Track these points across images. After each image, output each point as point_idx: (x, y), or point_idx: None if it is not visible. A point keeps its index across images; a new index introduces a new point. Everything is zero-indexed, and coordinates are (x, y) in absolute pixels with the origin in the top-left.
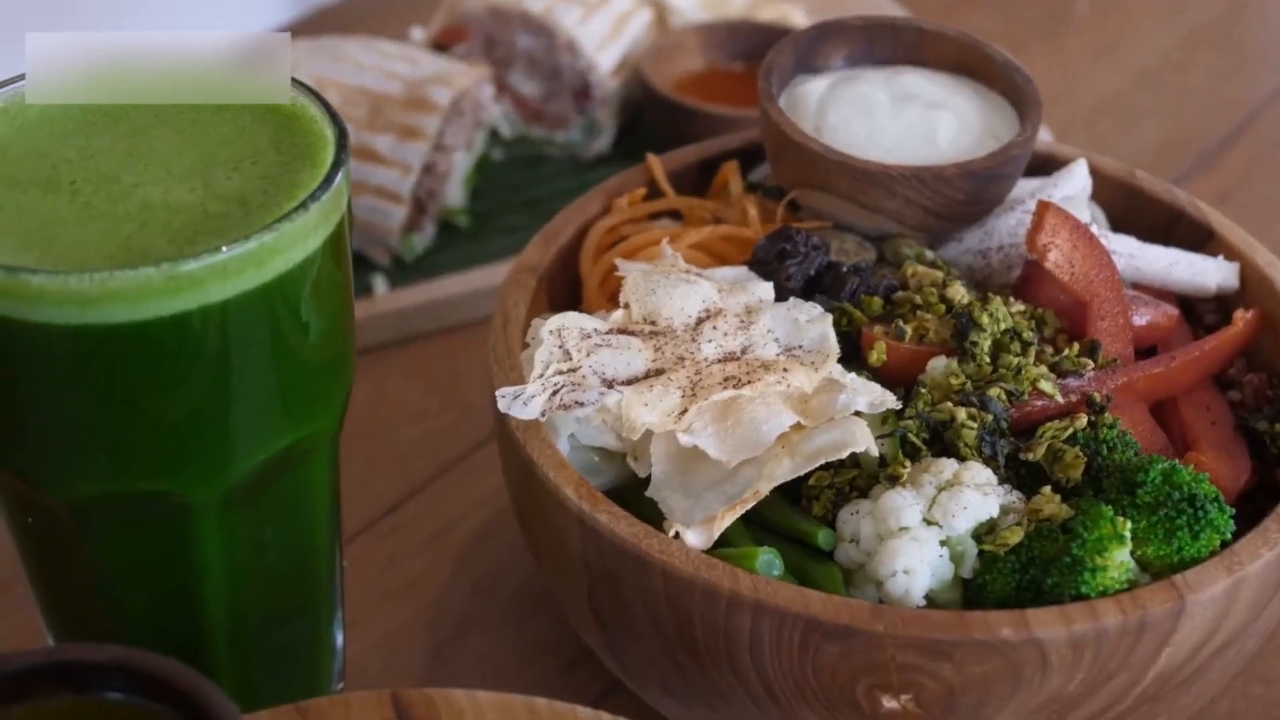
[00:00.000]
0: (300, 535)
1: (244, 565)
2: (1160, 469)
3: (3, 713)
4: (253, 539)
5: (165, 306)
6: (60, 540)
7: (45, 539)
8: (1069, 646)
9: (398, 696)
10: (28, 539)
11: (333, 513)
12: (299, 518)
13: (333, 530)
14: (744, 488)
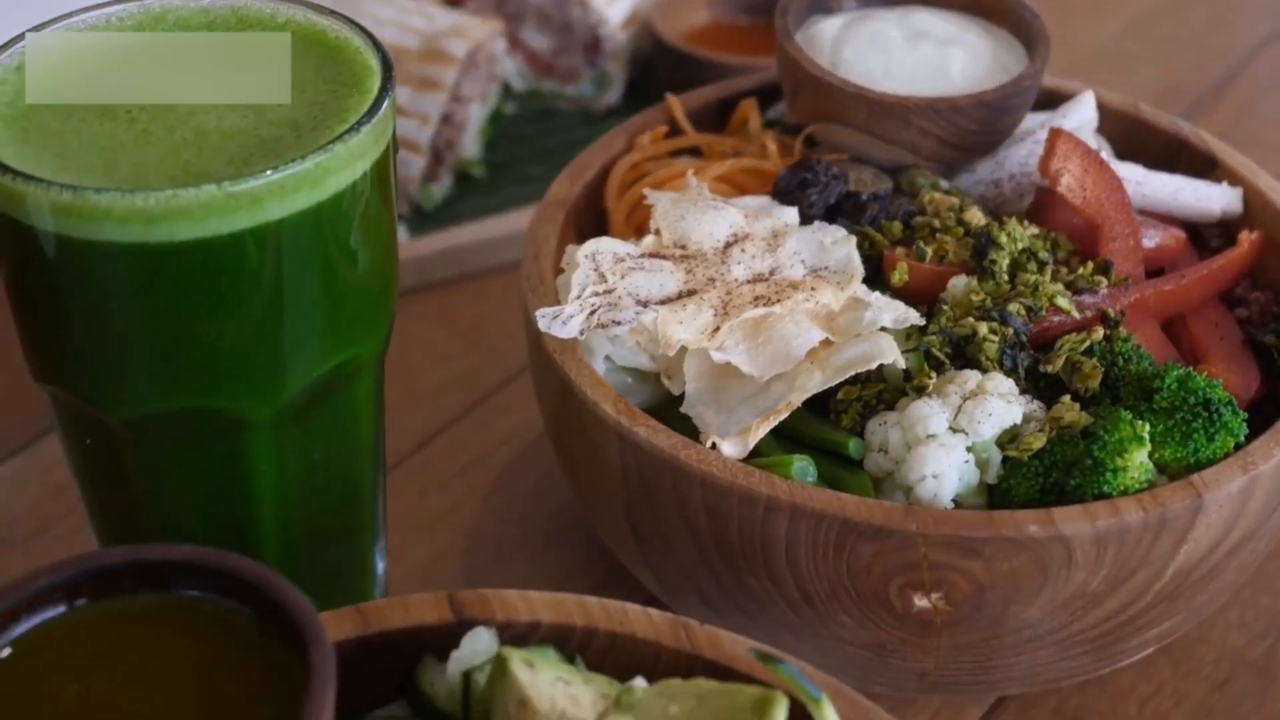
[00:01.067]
0: (346, 456)
1: (294, 483)
2: (1175, 375)
3: (86, 609)
4: (303, 457)
5: (225, 225)
6: (117, 461)
7: (103, 460)
8: (1093, 542)
9: (454, 597)
10: (85, 461)
11: (377, 437)
12: (346, 438)
13: (377, 455)
14: (776, 401)
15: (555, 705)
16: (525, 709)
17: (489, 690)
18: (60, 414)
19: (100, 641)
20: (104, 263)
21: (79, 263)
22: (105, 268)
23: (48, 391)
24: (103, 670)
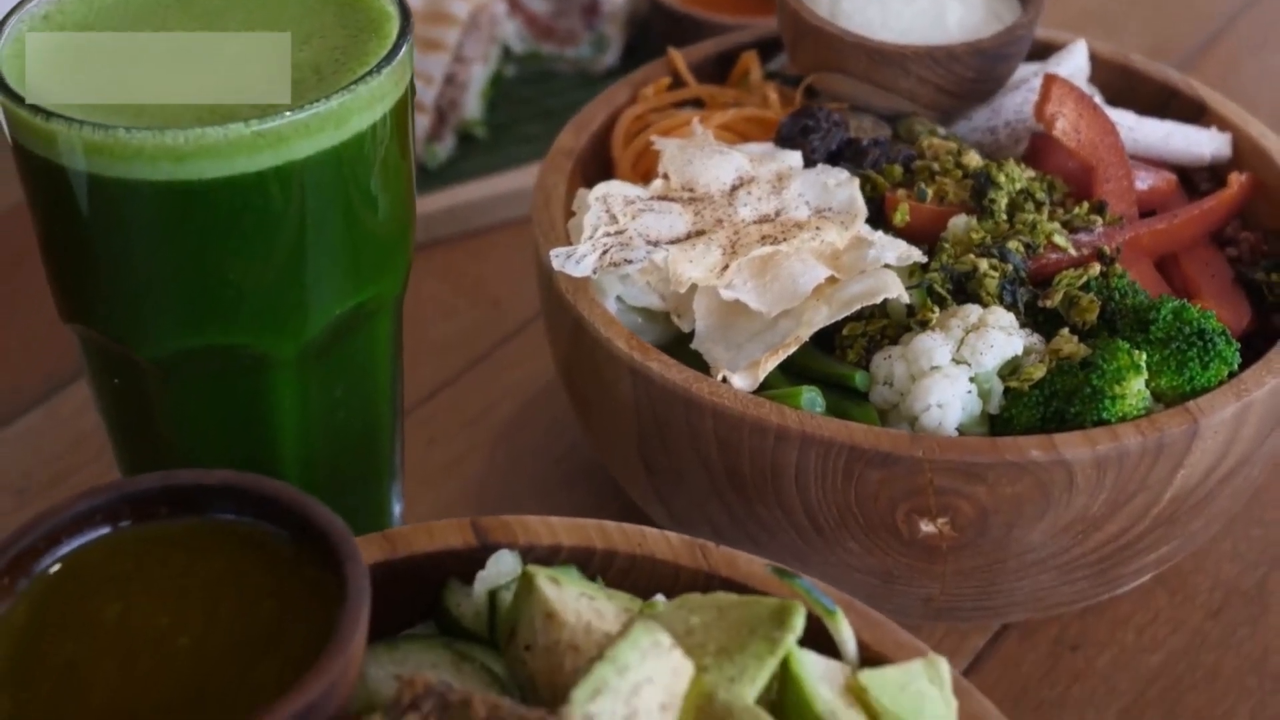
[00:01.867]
0: (366, 396)
1: (316, 422)
2: (1171, 307)
3: (124, 533)
4: (324, 396)
5: (253, 163)
6: (144, 400)
7: (130, 400)
8: (1093, 466)
9: (477, 522)
10: (113, 401)
11: (394, 379)
12: (365, 378)
13: (394, 397)
14: (783, 336)
15: (581, 618)
16: (552, 622)
17: (514, 608)
18: (88, 354)
19: (139, 563)
20: (134, 201)
21: (109, 202)
22: (135, 206)
23: (76, 332)
24: (143, 590)
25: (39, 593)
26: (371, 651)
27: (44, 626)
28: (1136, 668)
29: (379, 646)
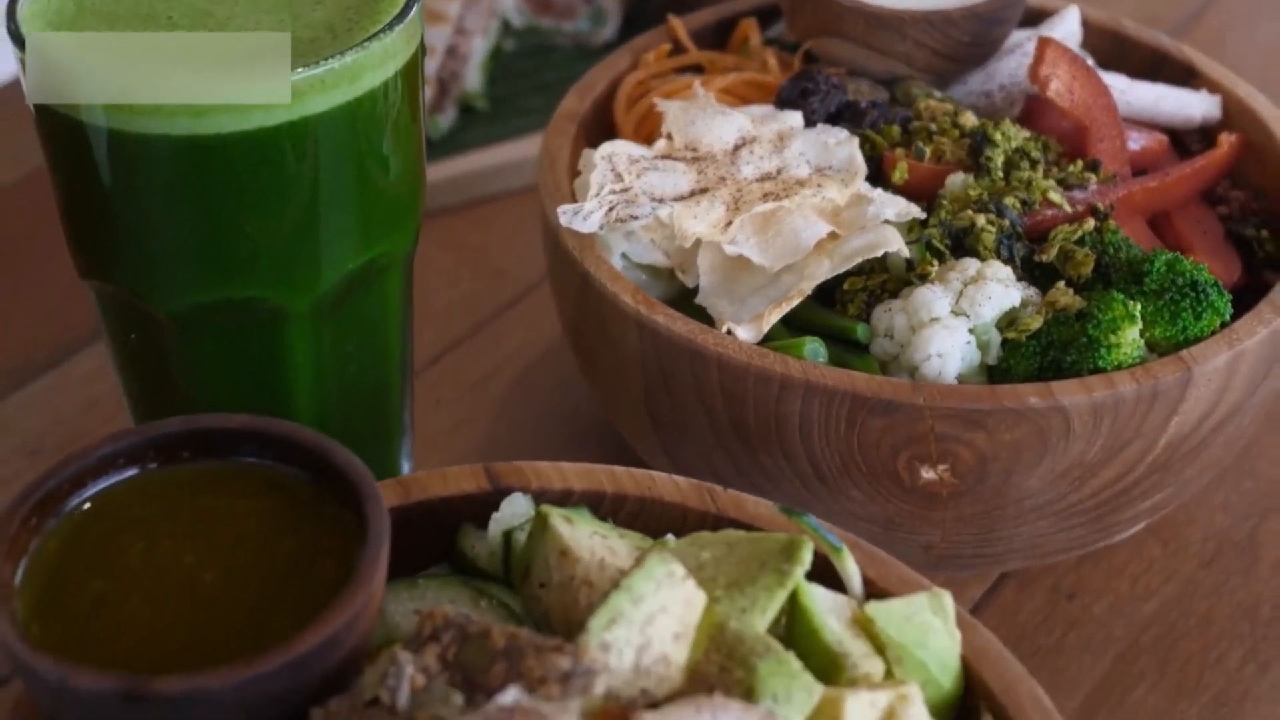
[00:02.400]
0: (377, 352)
1: (329, 376)
2: (1164, 259)
3: (148, 475)
4: (337, 349)
5: (270, 117)
6: (161, 355)
7: (147, 355)
8: (1089, 413)
9: (489, 467)
10: (130, 357)
11: (404, 337)
12: (376, 334)
13: (404, 355)
14: (786, 291)
15: (594, 554)
16: (566, 558)
17: (529, 547)
18: (106, 311)
19: (163, 504)
20: (153, 157)
21: (129, 158)
22: (154, 162)
23: (94, 288)
24: (168, 529)
25: (67, 532)
26: (391, 589)
27: (72, 563)
28: (1131, 615)
29: (398, 584)
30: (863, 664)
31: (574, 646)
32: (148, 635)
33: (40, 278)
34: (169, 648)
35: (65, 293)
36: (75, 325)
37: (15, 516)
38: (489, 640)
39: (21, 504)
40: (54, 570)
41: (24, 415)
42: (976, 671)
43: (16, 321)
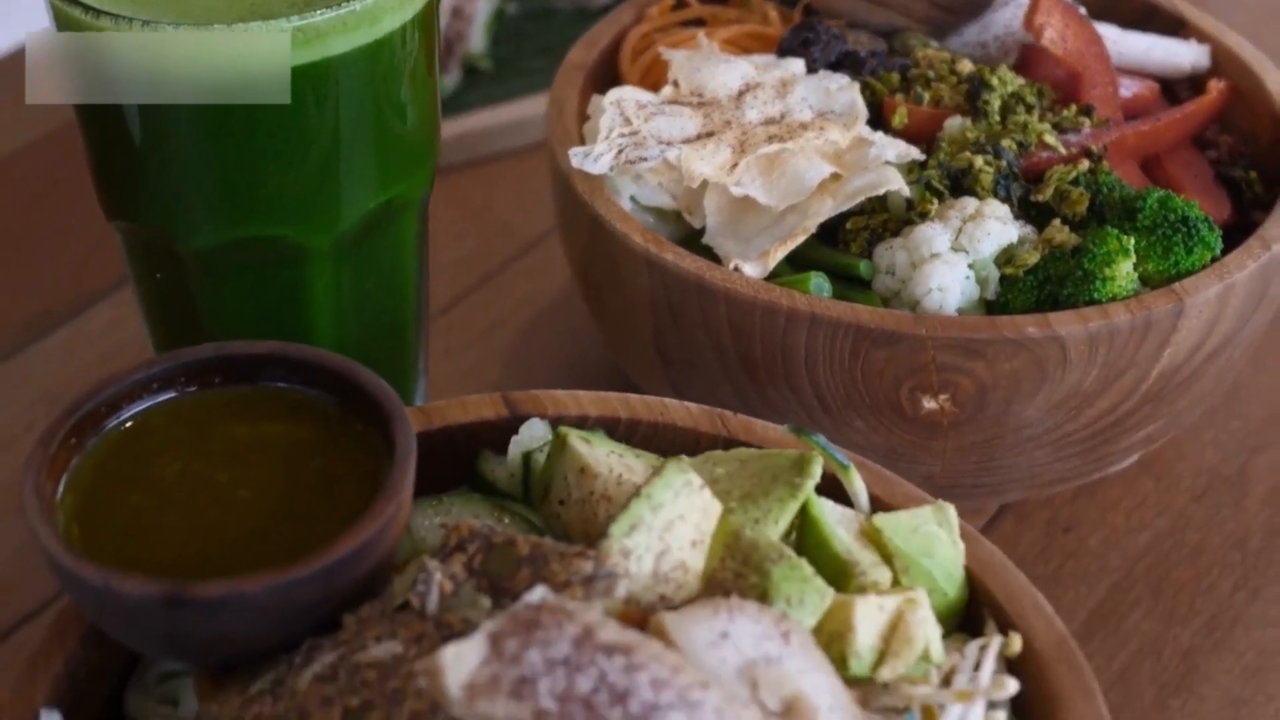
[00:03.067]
0: (395, 291)
1: (348, 313)
2: (1156, 197)
3: (181, 400)
4: (356, 288)
5: (294, 58)
6: (185, 293)
7: (172, 294)
8: (1085, 343)
9: (507, 396)
10: (155, 296)
11: (420, 278)
12: (394, 273)
13: (420, 297)
14: (791, 230)
15: (612, 471)
16: (585, 476)
17: (548, 467)
18: (131, 252)
19: (196, 426)
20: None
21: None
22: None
23: (120, 229)
24: (200, 450)
25: (104, 452)
26: (416, 506)
27: (109, 481)
28: (1125, 547)
29: (423, 501)
30: (871, 572)
31: (596, 552)
32: (184, 547)
33: (57, 234)
34: (205, 559)
35: (81, 249)
36: (91, 280)
37: (55, 436)
38: (513, 548)
39: (61, 424)
40: (93, 487)
41: (43, 365)
42: (980, 581)
43: (34, 276)
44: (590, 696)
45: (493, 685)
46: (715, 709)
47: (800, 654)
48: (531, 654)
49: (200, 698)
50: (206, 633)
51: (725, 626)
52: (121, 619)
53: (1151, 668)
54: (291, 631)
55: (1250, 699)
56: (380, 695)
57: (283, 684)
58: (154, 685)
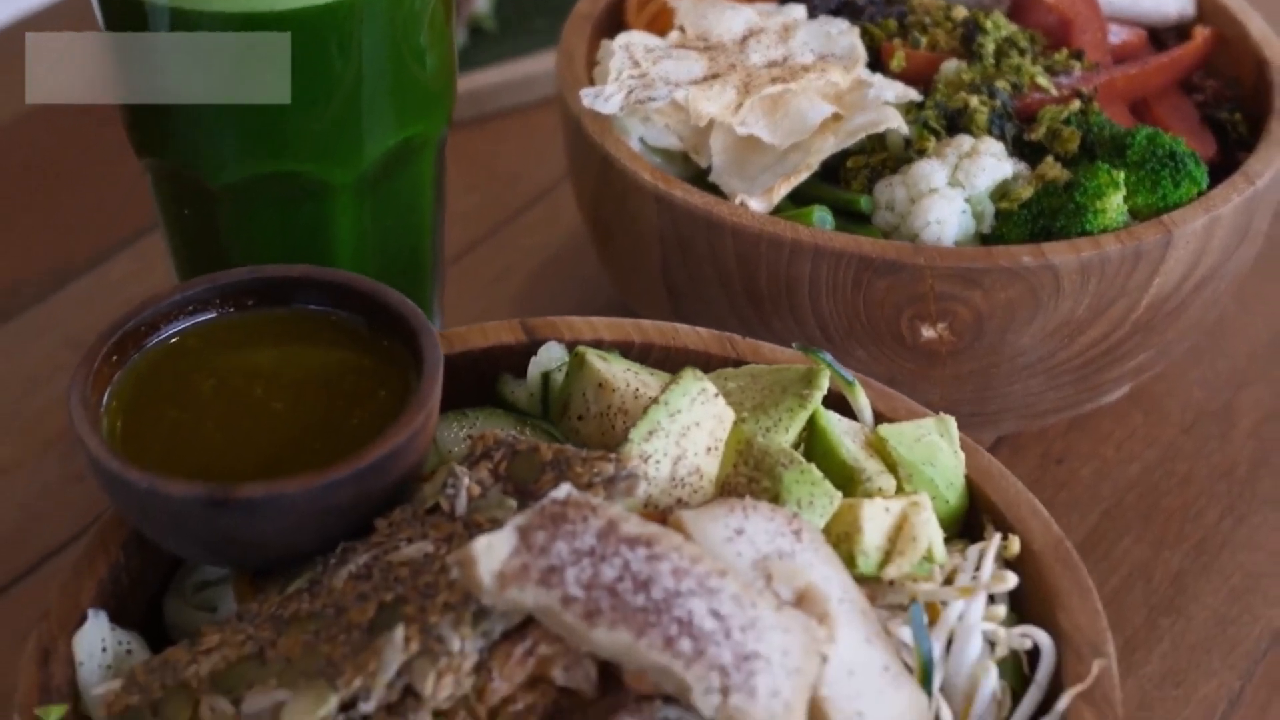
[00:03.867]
0: (413, 229)
1: (369, 250)
2: (1145, 134)
3: (217, 321)
4: (377, 224)
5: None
6: (212, 229)
7: (199, 229)
8: (1078, 271)
9: (525, 322)
10: (182, 232)
11: (436, 219)
12: (412, 212)
13: (436, 238)
14: (794, 167)
15: (629, 385)
16: (603, 390)
17: (566, 385)
18: (160, 187)
19: (232, 346)
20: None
21: None
22: None
23: (149, 167)
24: (236, 367)
25: (144, 368)
26: (442, 420)
27: (150, 395)
28: (1116, 477)
29: (448, 416)
30: (876, 479)
31: (617, 455)
32: (223, 456)
33: (79, 188)
34: (242, 468)
35: (102, 202)
36: (111, 232)
37: (98, 352)
38: (537, 454)
39: (104, 341)
40: (134, 402)
41: (66, 312)
42: (980, 488)
43: (57, 228)
44: (615, 584)
45: (522, 574)
46: (733, 595)
47: (811, 550)
48: (559, 545)
49: (239, 599)
50: (246, 534)
51: (740, 524)
52: (165, 521)
53: (1142, 590)
54: (327, 534)
55: (1237, 618)
56: (413, 590)
57: (319, 583)
58: (192, 593)
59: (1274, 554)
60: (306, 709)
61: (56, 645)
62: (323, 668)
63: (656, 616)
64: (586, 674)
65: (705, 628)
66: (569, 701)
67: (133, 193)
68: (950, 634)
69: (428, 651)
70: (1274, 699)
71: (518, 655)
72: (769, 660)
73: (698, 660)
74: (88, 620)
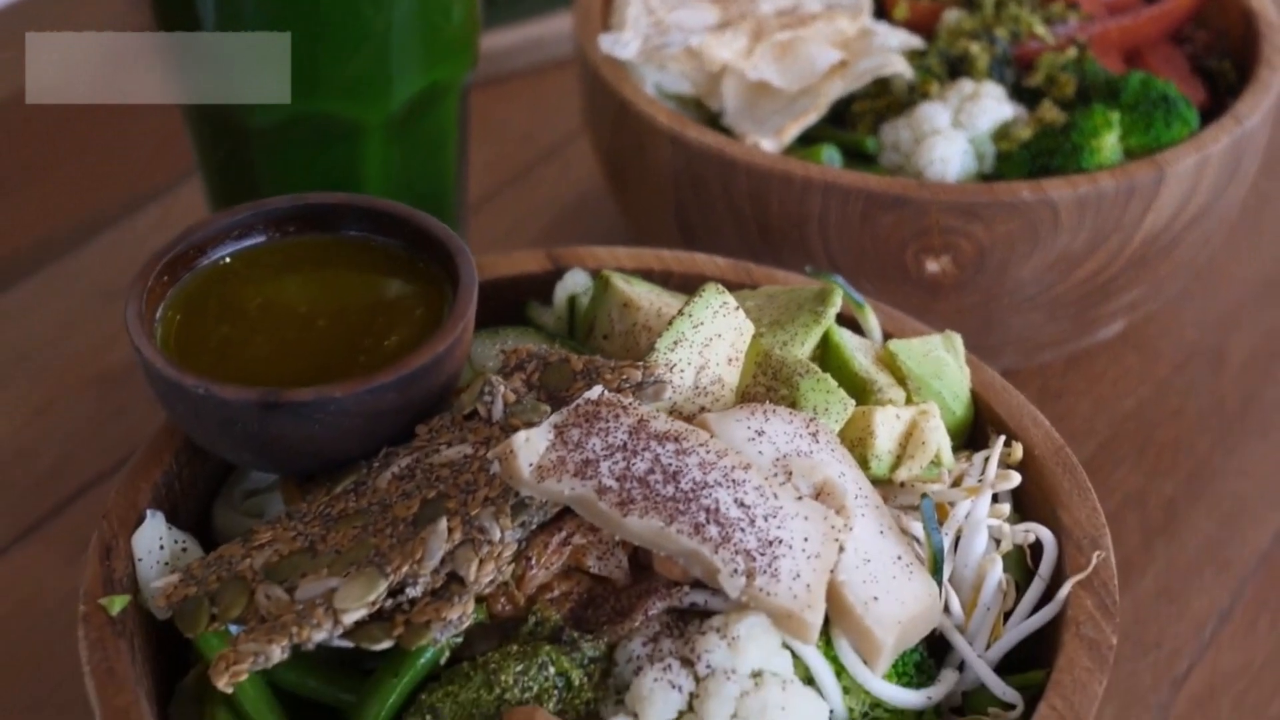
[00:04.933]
0: (439, 170)
1: (397, 187)
2: (1138, 78)
3: (261, 246)
4: (405, 164)
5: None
6: (249, 169)
7: (236, 170)
8: (1075, 205)
9: (550, 251)
10: (220, 173)
11: (460, 163)
12: (438, 153)
13: (460, 181)
14: (803, 110)
15: (653, 304)
16: (628, 309)
17: (592, 306)
18: (199, 129)
19: (276, 266)
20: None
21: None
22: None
23: (189, 109)
24: (281, 287)
25: (193, 288)
26: (475, 338)
27: (199, 314)
28: (1112, 411)
29: (481, 334)
30: (887, 391)
31: (644, 363)
32: (270, 368)
33: (110, 141)
34: (290, 378)
35: (131, 156)
36: (140, 184)
37: (151, 271)
38: (568, 364)
39: (156, 261)
40: (185, 318)
41: (96, 262)
42: (984, 400)
43: (87, 180)
44: (646, 476)
45: (559, 466)
46: (756, 487)
47: (828, 450)
48: (593, 441)
49: (287, 502)
50: (295, 437)
51: (761, 425)
52: (218, 426)
53: (1137, 515)
54: (371, 439)
55: (1228, 541)
56: (454, 487)
57: (364, 484)
58: (240, 501)
59: (1261, 482)
60: (358, 594)
61: (117, 543)
62: (372, 557)
63: (685, 505)
64: (618, 562)
65: (731, 515)
66: (602, 589)
67: (158, 148)
68: (958, 531)
69: (470, 541)
70: (1262, 614)
71: (554, 544)
72: (791, 546)
73: (724, 545)
74: (146, 520)
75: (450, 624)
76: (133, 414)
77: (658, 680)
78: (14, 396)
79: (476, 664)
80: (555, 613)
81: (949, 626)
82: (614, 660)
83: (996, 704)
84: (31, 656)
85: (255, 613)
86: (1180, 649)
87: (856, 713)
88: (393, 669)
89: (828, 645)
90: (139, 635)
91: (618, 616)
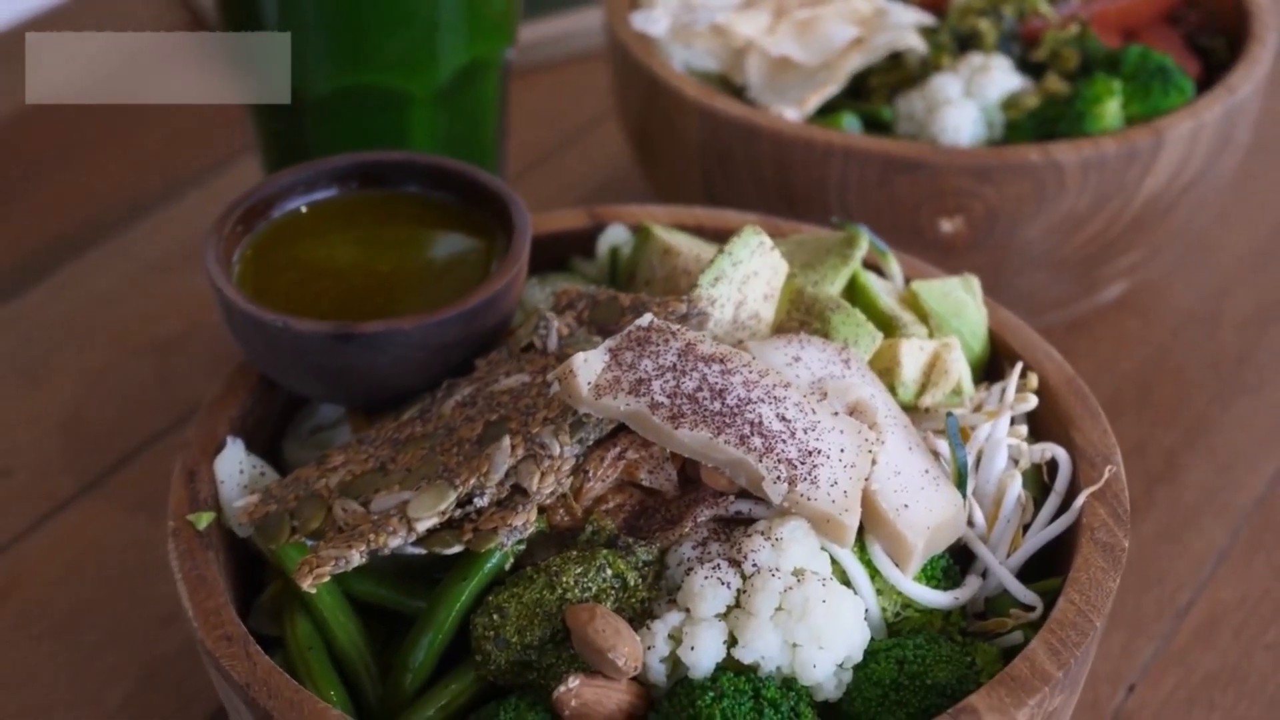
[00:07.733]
0: (481, 141)
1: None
2: (1137, 51)
3: (322, 202)
4: (448, 134)
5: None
6: (303, 139)
7: (290, 140)
8: (1079, 168)
9: (591, 209)
10: (275, 142)
11: (500, 135)
12: (480, 125)
13: (500, 152)
14: (823, 83)
15: (692, 250)
16: (668, 255)
17: (633, 256)
18: (258, 106)
19: (339, 221)
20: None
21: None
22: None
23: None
24: (344, 238)
25: (263, 239)
26: (525, 283)
27: (270, 261)
28: (1113, 371)
29: (530, 279)
30: (911, 328)
31: (688, 297)
32: (340, 308)
33: (151, 126)
34: (359, 309)
35: (172, 139)
36: (183, 168)
37: (226, 222)
38: (616, 301)
39: (229, 214)
40: (258, 264)
41: (147, 240)
42: (1000, 338)
43: (134, 166)
44: (695, 394)
45: (614, 385)
46: (796, 403)
47: (859, 375)
48: (645, 362)
49: (355, 431)
50: (365, 368)
51: (797, 352)
52: (292, 359)
53: (1138, 464)
54: (435, 370)
55: (1225, 487)
56: (515, 411)
57: (429, 411)
58: (307, 436)
59: (1256, 434)
60: (430, 503)
61: (199, 468)
62: (441, 472)
63: (731, 419)
64: (668, 475)
65: (773, 428)
66: (653, 500)
67: (201, 132)
68: (979, 451)
69: (532, 455)
70: (1258, 551)
71: (609, 459)
72: (829, 456)
73: (768, 454)
74: (227, 446)
75: (515, 530)
76: (184, 379)
77: (708, 578)
78: (73, 362)
79: (539, 568)
80: (610, 522)
81: (972, 537)
82: (666, 564)
83: (1018, 607)
84: (96, 596)
85: (333, 525)
86: (1182, 584)
87: (889, 613)
88: (462, 573)
89: (862, 550)
90: (222, 552)
91: (668, 524)
